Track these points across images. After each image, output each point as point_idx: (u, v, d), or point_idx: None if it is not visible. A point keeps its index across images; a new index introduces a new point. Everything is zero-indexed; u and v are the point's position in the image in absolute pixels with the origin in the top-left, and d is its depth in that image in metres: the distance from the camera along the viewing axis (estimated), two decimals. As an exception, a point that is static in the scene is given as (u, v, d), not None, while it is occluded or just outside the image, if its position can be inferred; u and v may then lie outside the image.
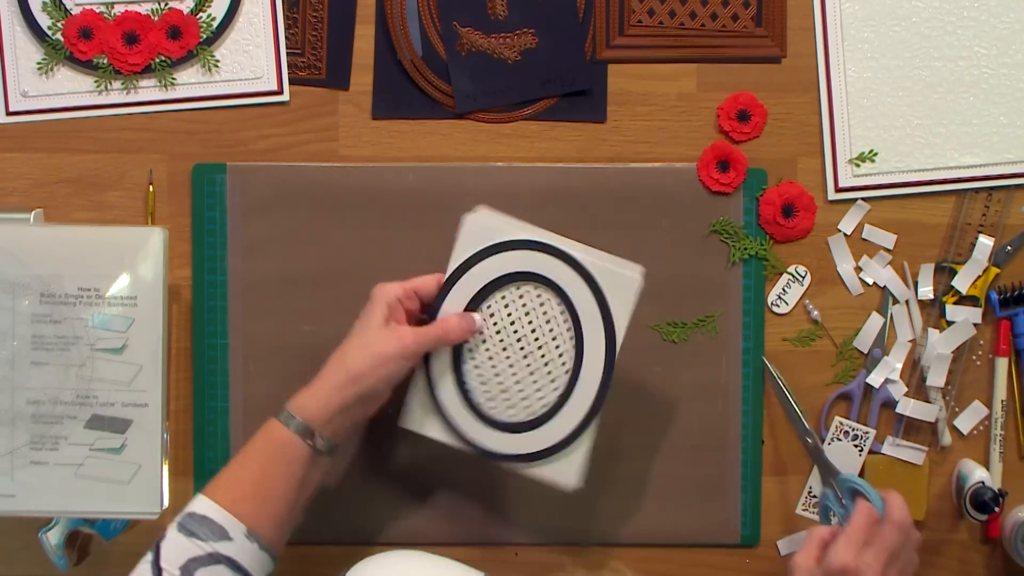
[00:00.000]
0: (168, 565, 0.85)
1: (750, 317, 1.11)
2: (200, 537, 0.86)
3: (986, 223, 1.11)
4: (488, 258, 0.98)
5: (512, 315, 0.98)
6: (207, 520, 0.87)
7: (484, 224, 0.99)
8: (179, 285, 1.11)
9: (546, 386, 0.98)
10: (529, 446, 0.98)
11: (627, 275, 0.97)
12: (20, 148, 1.11)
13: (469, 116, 1.11)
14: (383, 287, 0.95)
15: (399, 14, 1.10)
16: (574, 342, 0.97)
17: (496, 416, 0.98)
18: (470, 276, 0.98)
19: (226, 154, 1.11)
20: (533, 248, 0.97)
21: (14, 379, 1.03)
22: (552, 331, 0.98)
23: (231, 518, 0.87)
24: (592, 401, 0.97)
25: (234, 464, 0.92)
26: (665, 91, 1.11)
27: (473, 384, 0.98)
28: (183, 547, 0.86)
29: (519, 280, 0.98)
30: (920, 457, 1.11)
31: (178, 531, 0.87)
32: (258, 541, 0.88)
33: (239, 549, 0.87)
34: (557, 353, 0.98)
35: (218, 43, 1.10)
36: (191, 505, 0.89)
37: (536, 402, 0.98)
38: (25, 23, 1.09)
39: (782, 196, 1.10)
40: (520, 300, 0.98)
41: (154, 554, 0.86)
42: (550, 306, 0.98)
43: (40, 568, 1.10)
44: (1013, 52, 1.10)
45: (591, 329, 0.97)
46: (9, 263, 1.03)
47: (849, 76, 1.10)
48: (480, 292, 0.98)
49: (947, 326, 1.11)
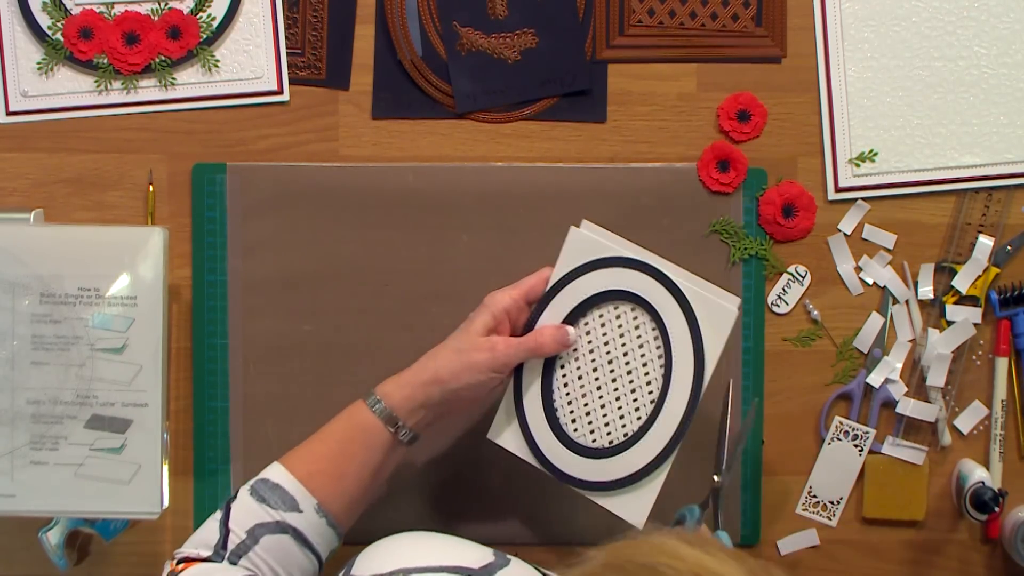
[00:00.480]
0: (236, 526, 0.86)
1: (750, 317, 1.11)
2: (270, 504, 0.87)
3: (986, 223, 1.11)
4: (589, 273, 0.96)
5: (607, 334, 0.96)
6: (279, 488, 0.88)
7: (588, 238, 0.97)
8: (179, 285, 1.11)
9: (630, 413, 0.96)
10: (604, 474, 0.96)
11: (724, 306, 0.94)
12: (20, 148, 1.11)
13: (469, 116, 1.11)
14: (494, 296, 0.95)
15: (399, 14, 1.10)
16: (663, 370, 0.95)
17: (577, 439, 0.97)
18: (570, 289, 0.96)
19: (226, 154, 1.11)
20: (634, 267, 0.95)
21: (14, 379, 1.03)
22: (644, 356, 0.95)
23: (303, 490, 0.88)
24: (672, 434, 0.94)
25: (315, 439, 0.92)
26: (665, 91, 1.11)
27: (559, 402, 0.97)
28: (252, 511, 0.87)
29: (617, 299, 0.96)
30: (920, 457, 1.11)
31: (250, 495, 0.88)
32: (327, 516, 0.88)
33: (307, 522, 0.87)
34: (645, 380, 0.95)
35: (218, 43, 1.10)
36: (266, 472, 0.90)
37: (618, 428, 0.96)
38: (25, 23, 1.09)
39: (782, 196, 1.10)
40: (616, 320, 0.96)
41: (224, 513, 0.87)
42: (644, 330, 0.95)
43: (40, 568, 1.10)
44: (1013, 52, 1.10)
45: (681, 358, 0.94)
46: (9, 263, 1.03)
47: (849, 76, 1.10)
48: (579, 307, 0.96)
49: (947, 326, 1.11)
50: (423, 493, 1.11)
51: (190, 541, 0.88)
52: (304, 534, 0.87)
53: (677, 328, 0.94)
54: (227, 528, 0.86)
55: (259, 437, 1.10)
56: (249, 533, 0.86)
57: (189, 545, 0.87)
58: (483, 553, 0.83)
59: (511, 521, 1.12)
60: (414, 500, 1.11)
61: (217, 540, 0.86)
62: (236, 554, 0.85)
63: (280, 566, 0.86)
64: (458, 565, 0.80)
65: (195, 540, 0.87)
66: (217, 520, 0.87)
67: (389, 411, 0.91)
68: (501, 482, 1.11)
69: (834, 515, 1.12)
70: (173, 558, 0.87)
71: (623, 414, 0.96)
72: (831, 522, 1.12)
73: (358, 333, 1.10)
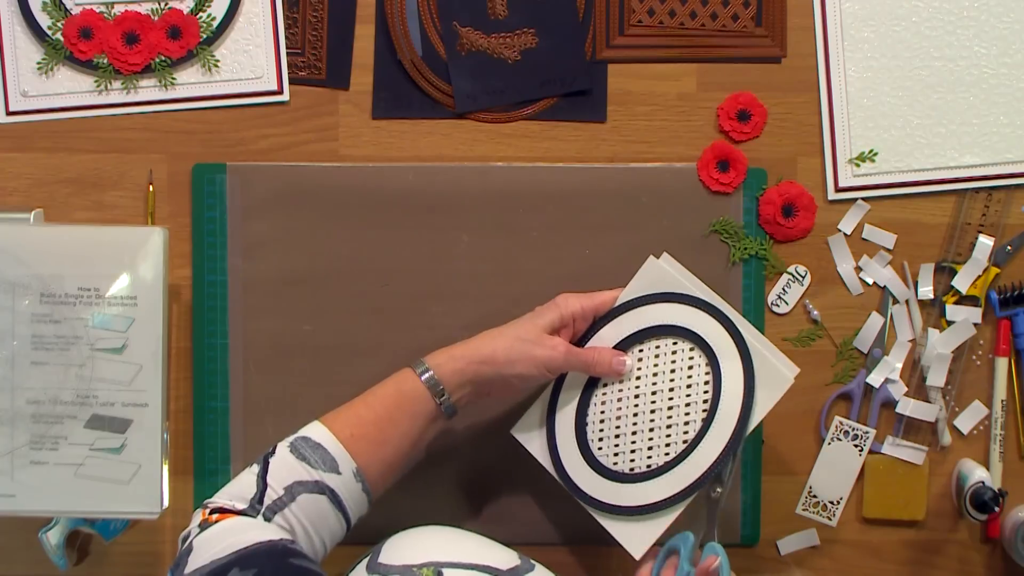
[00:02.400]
0: (273, 482, 0.85)
1: (750, 317, 1.11)
2: (310, 463, 0.86)
3: (986, 223, 1.11)
4: (658, 304, 0.97)
5: (659, 366, 0.97)
6: (321, 448, 0.87)
7: (664, 270, 0.98)
8: (179, 285, 1.11)
9: (659, 447, 0.96)
10: (616, 498, 0.96)
11: (783, 372, 0.94)
12: (20, 148, 1.11)
13: (469, 116, 1.11)
14: (567, 298, 0.97)
15: (399, 14, 1.10)
16: (704, 415, 0.95)
17: (600, 457, 0.97)
18: (635, 314, 0.97)
19: (226, 154, 1.11)
20: (704, 309, 0.96)
21: (14, 379, 1.03)
22: (689, 396, 0.96)
23: (345, 453, 0.88)
24: (696, 479, 0.94)
25: (359, 403, 0.92)
26: (665, 91, 1.11)
27: (592, 418, 0.98)
28: (292, 468, 0.86)
29: (678, 335, 0.96)
30: (920, 457, 1.11)
31: (290, 451, 0.87)
32: (363, 481, 0.88)
33: (344, 484, 0.87)
34: (684, 420, 0.95)
35: (218, 43, 1.10)
36: (307, 430, 0.89)
37: (643, 458, 0.96)
38: (25, 23, 1.09)
39: (782, 196, 1.10)
40: (672, 354, 0.97)
41: (261, 468, 0.86)
42: (697, 371, 0.96)
43: (40, 568, 1.10)
44: (1013, 52, 1.10)
45: (727, 409, 0.94)
46: (9, 263, 1.03)
47: (849, 76, 1.10)
48: (639, 333, 0.97)
49: (947, 326, 1.11)
50: (431, 492, 1.11)
51: (225, 492, 0.86)
52: (340, 496, 0.87)
53: (732, 379, 0.94)
54: (265, 483, 0.85)
55: (259, 437, 1.10)
56: (287, 490, 0.85)
57: (223, 496, 0.86)
58: (510, 556, 0.84)
59: (522, 521, 1.11)
60: (424, 498, 1.11)
61: (254, 494, 0.85)
62: (272, 510, 0.84)
63: (312, 526, 0.86)
64: (487, 564, 0.81)
65: (230, 492, 0.86)
66: (254, 474, 0.86)
67: (438, 382, 0.91)
68: (512, 483, 1.11)
69: (834, 515, 1.12)
70: (205, 507, 0.86)
71: (652, 446, 0.96)
72: (831, 522, 1.12)
73: (358, 333, 1.10)
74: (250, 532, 0.81)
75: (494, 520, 1.11)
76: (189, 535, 0.83)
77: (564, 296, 0.97)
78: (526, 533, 1.11)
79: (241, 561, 0.76)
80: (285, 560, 0.77)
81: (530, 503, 1.11)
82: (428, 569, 0.78)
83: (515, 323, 0.95)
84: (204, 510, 0.85)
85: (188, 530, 0.84)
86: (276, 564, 0.76)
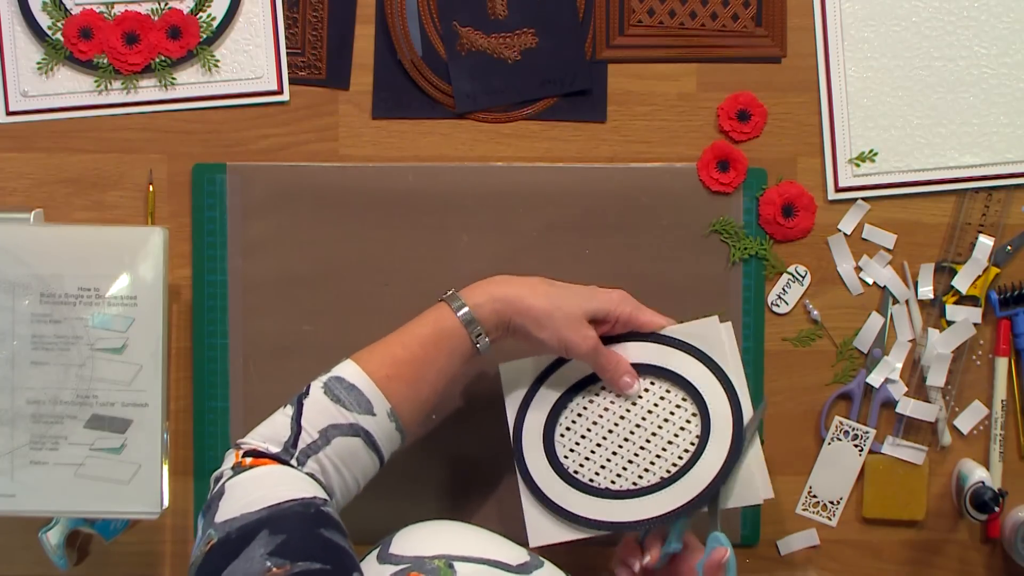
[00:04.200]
0: (308, 425, 0.84)
1: (750, 317, 1.11)
2: (345, 405, 0.85)
3: (986, 223, 1.11)
4: (689, 356, 0.97)
5: (659, 404, 0.97)
6: (355, 390, 0.86)
7: (717, 335, 0.97)
8: (179, 285, 1.11)
9: (622, 477, 0.97)
10: (570, 502, 0.97)
11: (756, 489, 0.94)
12: (20, 148, 1.11)
13: (469, 116, 1.11)
14: (625, 300, 0.97)
15: (399, 14, 1.10)
16: (676, 472, 0.95)
17: (563, 460, 0.98)
18: (664, 350, 0.97)
19: (226, 154, 1.11)
20: (725, 387, 0.96)
21: (14, 379, 1.03)
22: (671, 444, 0.96)
23: (380, 394, 0.87)
24: (638, 519, 0.95)
25: (395, 342, 0.90)
26: (665, 91, 1.11)
27: (563, 420, 0.99)
28: (327, 410, 0.85)
29: (689, 394, 0.97)
30: (920, 457, 1.11)
31: (324, 393, 0.86)
32: (397, 421, 0.88)
33: (379, 425, 0.86)
34: (653, 463, 0.96)
35: (218, 43, 1.10)
36: (340, 369, 0.88)
37: (602, 478, 0.97)
38: (25, 23, 1.09)
39: (782, 196, 1.10)
40: (674, 407, 0.97)
41: (295, 410, 0.85)
42: (685, 436, 0.96)
43: (40, 568, 1.10)
44: (1013, 52, 1.10)
45: (700, 473, 0.94)
46: (9, 263, 1.03)
47: (849, 76, 1.10)
48: (657, 368, 0.97)
49: (947, 326, 1.11)
50: (434, 491, 1.11)
51: (258, 433, 0.85)
52: (374, 437, 0.86)
53: (709, 461, 0.94)
54: (299, 426, 0.84)
55: (259, 437, 1.10)
56: (322, 434, 0.84)
57: (256, 437, 0.85)
58: (519, 552, 0.84)
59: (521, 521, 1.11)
60: (425, 498, 1.11)
61: (288, 438, 0.84)
62: (306, 453, 0.84)
63: (347, 468, 0.85)
64: (498, 559, 0.80)
65: (263, 433, 0.85)
66: (288, 416, 0.85)
67: (477, 322, 0.90)
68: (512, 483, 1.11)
69: (834, 515, 1.12)
70: (239, 447, 0.85)
71: (616, 474, 0.97)
72: (831, 522, 1.12)
73: (358, 333, 1.09)
74: (282, 487, 0.80)
75: (493, 520, 1.11)
76: (221, 476, 0.82)
77: (624, 297, 0.97)
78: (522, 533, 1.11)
79: (272, 522, 0.75)
80: (315, 531, 0.76)
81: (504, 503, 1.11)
82: (440, 561, 0.77)
83: (566, 292, 0.94)
84: (238, 451, 0.84)
85: (220, 471, 0.83)
86: (306, 534, 0.75)
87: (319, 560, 0.72)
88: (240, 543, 0.73)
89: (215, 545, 0.74)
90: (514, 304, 0.92)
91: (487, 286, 0.93)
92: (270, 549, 0.72)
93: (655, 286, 1.10)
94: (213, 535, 0.75)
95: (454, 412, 1.11)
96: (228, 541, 0.74)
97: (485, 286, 0.93)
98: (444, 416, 1.11)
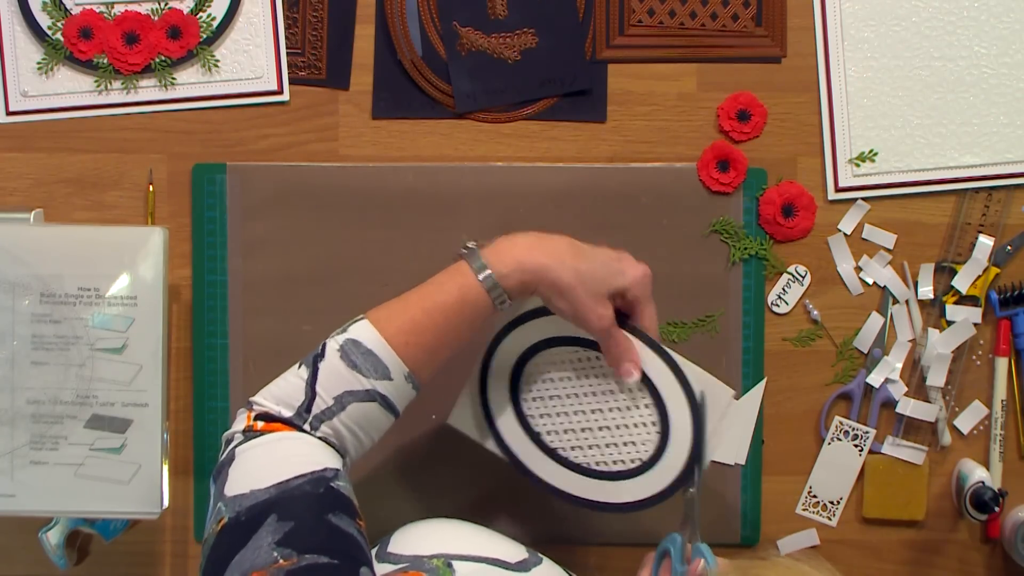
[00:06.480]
0: (323, 391, 0.82)
1: (750, 317, 1.11)
2: (362, 372, 0.83)
3: (986, 223, 1.11)
4: (665, 366, 0.95)
5: (631, 408, 0.96)
6: (372, 356, 0.84)
7: (721, 398, 0.95)
8: (179, 285, 1.11)
9: (591, 448, 0.96)
10: (549, 475, 0.97)
11: None
12: (20, 148, 1.11)
13: (469, 116, 1.11)
14: (646, 277, 0.93)
15: (399, 14, 1.10)
16: (649, 457, 0.95)
17: (522, 400, 0.97)
18: (657, 368, 0.95)
19: (226, 154, 1.11)
20: (691, 407, 0.95)
21: (14, 379, 1.03)
22: (632, 439, 0.96)
23: (398, 360, 0.84)
24: (603, 503, 0.96)
25: (416, 307, 0.87)
26: (665, 91, 1.11)
27: (537, 363, 0.97)
28: (342, 376, 0.83)
29: (662, 411, 0.96)
30: (920, 457, 1.11)
31: (340, 358, 0.84)
32: (413, 381, 0.86)
33: (396, 388, 0.85)
34: (599, 447, 0.96)
35: (218, 43, 1.10)
36: (356, 331, 0.85)
37: (578, 452, 0.97)
38: (25, 23, 1.09)
39: (782, 196, 1.10)
40: (646, 416, 0.96)
41: (310, 373, 0.83)
42: (649, 437, 0.95)
43: (40, 568, 1.10)
44: (1013, 52, 1.10)
45: (673, 458, 0.94)
46: (9, 263, 1.03)
47: (849, 76, 1.10)
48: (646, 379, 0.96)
49: (947, 326, 1.11)
50: (433, 489, 1.11)
51: (270, 393, 0.84)
52: (391, 400, 0.85)
53: (677, 458, 0.94)
54: (314, 391, 0.82)
55: (259, 437, 1.10)
56: (337, 400, 0.82)
57: (269, 398, 0.83)
58: (518, 549, 0.84)
59: (521, 521, 1.11)
60: (424, 498, 1.11)
61: (302, 402, 0.82)
62: (319, 419, 0.82)
63: (361, 430, 0.84)
64: (496, 557, 0.80)
65: (276, 394, 0.83)
66: (303, 379, 0.83)
67: (503, 292, 0.87)
68: (512, 483, 1.11)
69: (834, 515, 1.12)
70: (250, 407, 0.83)
71: (589, 446, 0.96)
72: (831, 522, 1.12)
73: (358, 333, 1.10)
74: (293, 458, 0.78)
75: (492, 518, 1.11)
76: (232, 439, 0.81)
77: (645, 276, 0.93)
78: (525, 533, 1.11)
79: (280, 505, 0.74)
80: (324, 516, 0.75)
81: (529, 503, 1.11)
82: (439, 560, 0.77)
83: (593, 265, 0.90)
84: (249, 412, 0.83)
85: (232, 432, 0.82)
86: (314, 521, 0.74)
87: (327, 553, 0.71)
88: (249, 527, 0.72)
89: (226, 526, 0.74)
90: (540, 274, 0.88)
91: (513, 250, 0.88)
92: (278, 538, 0.71)
93: (655, 286, 1.09)
94: (224, 512, 0.75)
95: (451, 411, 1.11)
96: (238, 524, 0.73)
97: (511, 250, 0.88)
98: (441, 415, 1.11)
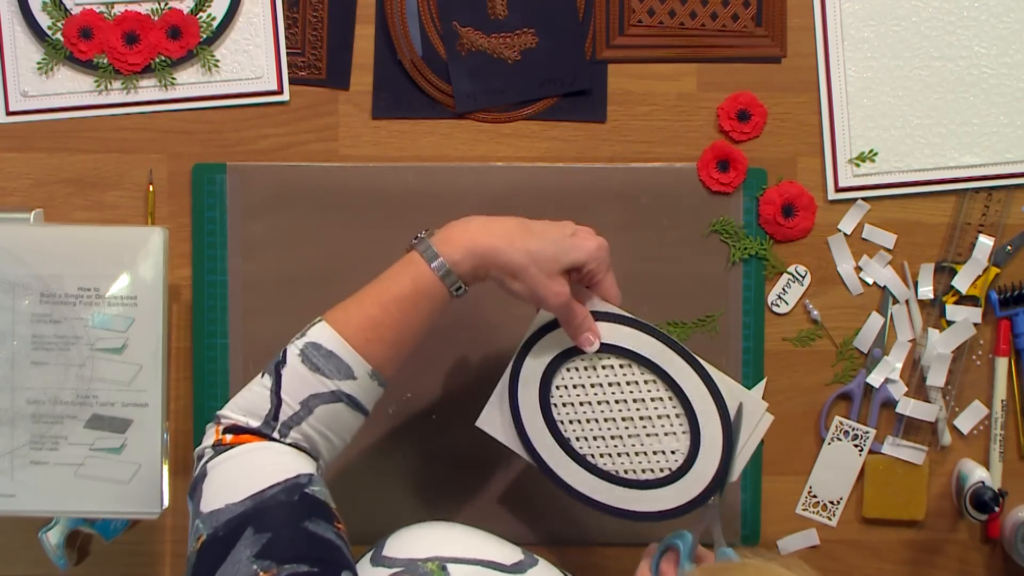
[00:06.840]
0: (288, 397, 0.83)
1: (750, 317, 1.11)
2: (325, 374, 0.83)
3: (986, 223, 1.11)
4: (660, 343, 0.94)
5: (656, 407, 0.95)
6: (334, 357, 0.84)
7: (755, 408, 0.94)
8: (179, 285, 1.11)
9: (614, 456, 0.96)
10: (576, 480, 0.96)
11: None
12: (20, 148, 1.11)
13: (469, 116, 1.11)
14: (601, 249, 0.91)
15: (399, 14, 1.10)
16: (679, 467, 0.94)
17: (552, 407, 0.96)
18: (628, 333, 0.94)
19: (226, 154, 1.11)
20: (695, 369, 0.94)
21: (14, 379, 1.03)
22: (662, 448, 0.95)
23: (359, 359, 0.85)
24: (631, 513, 0.95)
25: (371, 303, 0.87)
26: (665, 91, 1.11)
27: (565, 373, 0.96)
28: (306, 380, 0.83)
29: (668, 386, 0.95)
30: (920, 457, 1.11)
31: (301, 362, 0.84)
32: (378, 378, 0.86)
33: (361, 387, 0.85)
34: (630, 455, 0.95)
35: (218, 43, 1.10)
36: (315, 334, 0.85)
37: (606, 459, 0.96)
38: (25, 23, 1.09)
39: (782, 196, 1.10)
40: (651, 388, 0.95)
41: (274, 381, 0.83)
42: (679, 445, 0.95)
43: (40, 568, 1.10)
44: (1013, 52, 1.10)
45: (702, 469, 0.93)
46: (9, 263, 1.03)
47: (849, 76, 1.10)
48: (625, 351, 0.95)
49: (947, 326, 1.11)
50: (430, 491, 1.11)
51: (236, 405, 0.84)
52: (356, 399, 0.85)
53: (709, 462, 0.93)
54: (279, 398, 0.83)
55: (259, 437, 1.10)
56: (303, 404, 0.83)
57: (236, 410, 0.83)
58: (513, 551, 0.84)
59: (521, 522, 1.11)
60: (423, 499, 1.11)
61: (268, 411, 0.82)
62: (287, 425, 0.82)
63: (331, 431, 0.84)
64: (491, 560, 0.80)
65: (242, 406, 0.84)
66: (267, 388, 0.83)
67: (457, 279, 0.87)
68: (511, 483, 1.11)
69: (834, 515, 1.12)
70: (218, 422, 0.83)
71: (620, 452, 0.95)
72: (831, 522, 1.12)
73: (358, 333, 1.10)
74: (266, 468, 0.79)
75: (491, 521, 1.11)
76: (203, 455, 0.81)
77: (600, 248, 0.92)
78: (525, 534, 1.11)
79: (256, 517, 0.74)
80: (300, 525, 0.75)
81: (528, 504, 1.11)
82: (433, 563, 0.78)
83: (543, 243, 0.89)
84: (217, 426, 0.83)
85: (202, 448, 0.82)
86: (291, 530, 0.74)
87: (306, 561, 0.72)
88: (227, 542, 0.73)
89: (204, 544, 0.74)
90: (490, 258, 0.88)
91: (462, 237, 0.88)
92: (256, 551, 0.72)
93: (655, 286, 1.10)
94: (201, 529, 0.75)
95: (452, 412, 1.11)
96: (216, 540, 0.74)
97: (460, 237, 0.88)
98: (441, 415, 1.11)
